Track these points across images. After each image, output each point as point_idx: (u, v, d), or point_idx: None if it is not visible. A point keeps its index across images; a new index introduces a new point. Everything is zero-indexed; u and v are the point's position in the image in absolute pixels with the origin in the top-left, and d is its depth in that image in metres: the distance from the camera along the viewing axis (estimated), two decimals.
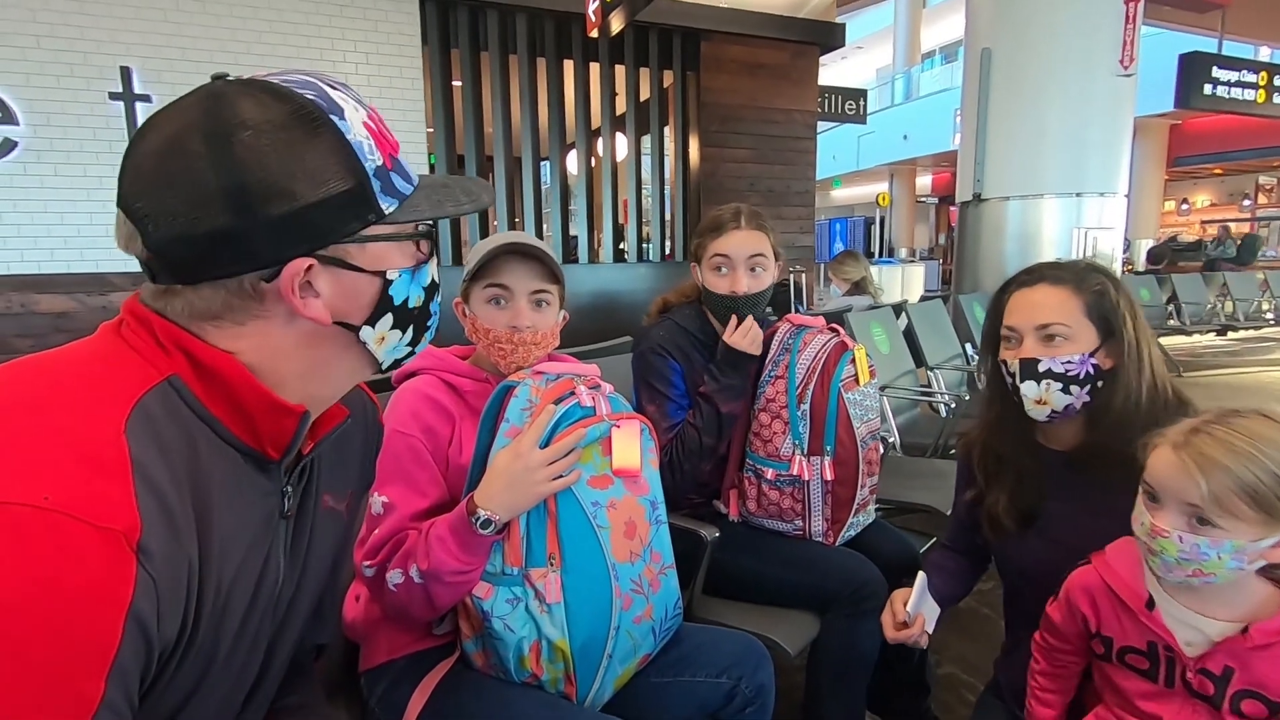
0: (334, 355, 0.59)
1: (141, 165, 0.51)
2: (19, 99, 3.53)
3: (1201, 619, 0.79)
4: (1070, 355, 0.99)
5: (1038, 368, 1.00)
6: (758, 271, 1.41)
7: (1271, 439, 0.72)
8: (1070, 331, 0.99)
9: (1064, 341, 0.99)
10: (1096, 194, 3.95)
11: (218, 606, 0.53)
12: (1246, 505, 0.71)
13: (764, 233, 1.42)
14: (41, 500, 0.42)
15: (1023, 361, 1.00)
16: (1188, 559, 0.74)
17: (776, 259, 1.45)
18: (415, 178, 0.60)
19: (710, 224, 1.44)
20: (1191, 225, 15.48)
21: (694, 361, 1.45)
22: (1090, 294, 1.00)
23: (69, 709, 0.42)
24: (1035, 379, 1.00)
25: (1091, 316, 0.99)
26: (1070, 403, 1.00)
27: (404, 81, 4.27)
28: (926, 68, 17.51)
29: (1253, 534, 0.72)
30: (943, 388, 3.14)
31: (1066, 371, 0.99)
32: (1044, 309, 1.01)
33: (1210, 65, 7.61)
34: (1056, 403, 0.99)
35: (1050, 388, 0.99)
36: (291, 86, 0.53)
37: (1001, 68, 4.01)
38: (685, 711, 1.05)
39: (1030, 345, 1.01)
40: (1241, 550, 0.72)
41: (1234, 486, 0.71)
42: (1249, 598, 0.78)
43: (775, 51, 5.40)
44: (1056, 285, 1.01)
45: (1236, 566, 0.73)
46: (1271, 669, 0.75)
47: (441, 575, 0.89)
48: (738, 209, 1.43)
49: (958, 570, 1.21)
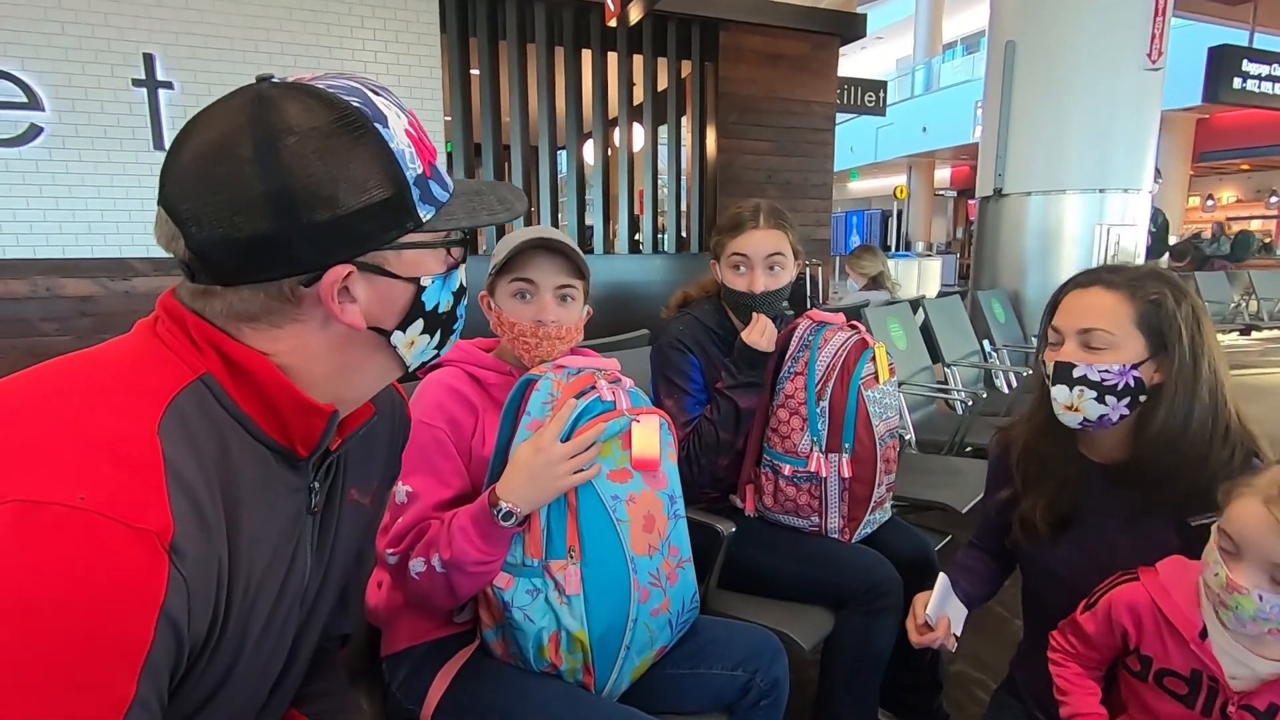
0: (364, 358, 0.59)
1: (186, 166, 0.51)
2: (44, 85, 3.57)
3: (1255, 658, 0.78)
4: (1110, 364, 0.93)
5: (1072, 372, 0.95)
6: (776, 270, 1.42)
7: None
8: (1114, 339, 0.94)
9: (1106, 349, 0.94)
10: (1120, 190, 3.89)
11: (246, 602, 0.54)
12: None
13: (783, 231, 1.42)
14: (77, 500, 0.43)
15: (1058, 364, 0.97)
16: (1265, 618, 0.73)
17: (796, 256, 1.45)
18: (451, 184, 0.60)
19: (730, 222, 1.44)
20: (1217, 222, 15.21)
21: (712, 356, 1.45)
22: (1144, 303, 0.94)
23: (103, 707, 0.43)
24: (1068, 384, 0.96)
25: (1142, 327, 0.93)
26: (1105, 414, 0.95)
27: (422, 70, 4.27)
28: (947, 59, 17.25)
29: None
30: (959, 385, 3.12)
31: (1103, 380, 0.94)
32: (1090, 313, 0.96)
33: (1240, 59, 7.44)
34: (1090, 412, 0.95)
35: (1084, 395, 0.95)
36: (337, 92, 0.53)
37: (1026, 61, 3.94)
38: (701, 703, 1.06)
39: (1070, 349, 0.97)
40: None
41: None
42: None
43: (795, 42, 5.34)
44: (1110, 290, 0.96)
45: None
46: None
47: (463, 565, 0.90)
48: (757, 206, 1.43)
49: (985, 573, 1.19)
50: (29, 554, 0.41)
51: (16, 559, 0.41)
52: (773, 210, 1.43)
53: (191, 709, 0.53)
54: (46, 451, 0.44)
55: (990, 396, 3.18)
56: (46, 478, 0.43)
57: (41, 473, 0.43)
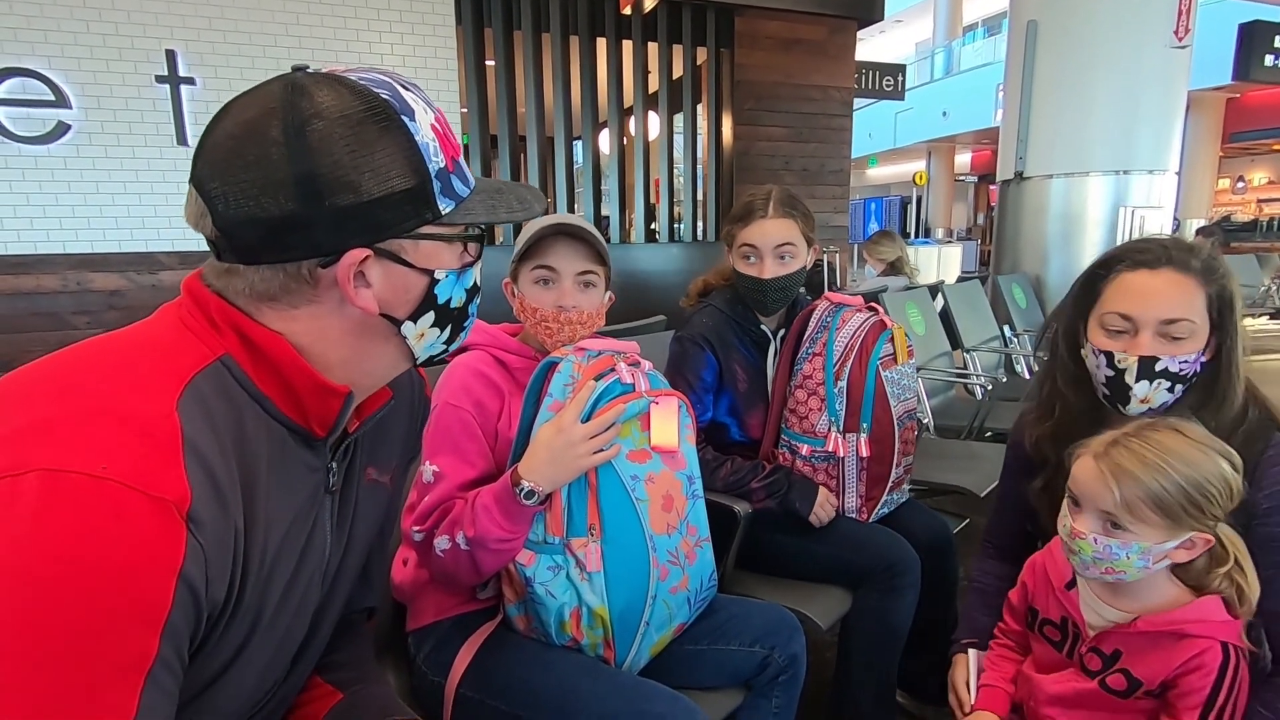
0: (375, 346, 0.61)
1: (218, 146, 0.53)
2: (71, 83, 3.64)
3: (1107, 608, 0.88)
4: (1189, 354, 0.90)
5: (1155, 367, 0.89)
6: (786, 259, 1.42)
7: (1179, 453, 0.79)
8: (1195, 328, 0.89)
9: (1187, 339, 0.89)
10: (1145, 171, 3.81)
11: (262, 574, 0.56)
12: (1153, 512, 0.79)
13: (793, 219, 1.41)
14: (100, 470, 0.45)
15: (1141, 360, 0.89)
16: (1101, 559, 0.82)
17: (810, 244, 1.45)
18: (473, 181, 0.62)
19: (740, 211, 1.45)
20: (1247, 204, 14.81)
21: (732, 348, 1.46)
22: (1216, 285, 0.90)
23: (127, 664, 0.45)
24: (1150, 379, 0.89)
25: (1211, 311, 0.90)
26: (1166, 400, 0.92)
27: (438, 61, 4.29)
28: (968, 41, 16.96)
29: (1157, 537, 0.80)
30: (979, 370, 3.09)
31: (1181, 371, 0.90)
32: (1171, 301, 0.89)
33: (1272, 35, 7.26)
34: (1157, 400, 0.91)
35: (1159, 386, 0.90)
36: (368, 84, 0.55)
37: (1048, 40, 3.87)
38: (719, 679, 1.08)
39: (1148, 340, 0.90)
40: (1147, 552, 0.80)
41: (1143, 495, 0.79)
42: (1156, 596, 0.85)
43: (812, 26, 5.28)
44: (1184, 273, 0.89)
45: (1143, 565, 0.81)
46: (1148, 656, 0.84)
47: (487, 542, 0.93)
48: (769, 194, 1.42)
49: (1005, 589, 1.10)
50: (54, 519, 0.43)
51: (42, 523, 0.43)
52: (783, 199, 1.42)
53: (211, 676, 0.56)
54: (72, 425, 0.47)
55: (1010, 381, 3.15)
56: (71, 449, 0.45)
57: (66, 444, 0.46)
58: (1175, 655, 0.81)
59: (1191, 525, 0.80)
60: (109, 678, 0.44)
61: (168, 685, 0.47)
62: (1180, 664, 0.81)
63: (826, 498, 1.38)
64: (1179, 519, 0.79)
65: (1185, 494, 0.78)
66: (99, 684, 0.44)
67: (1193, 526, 0.80)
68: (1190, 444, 0.80)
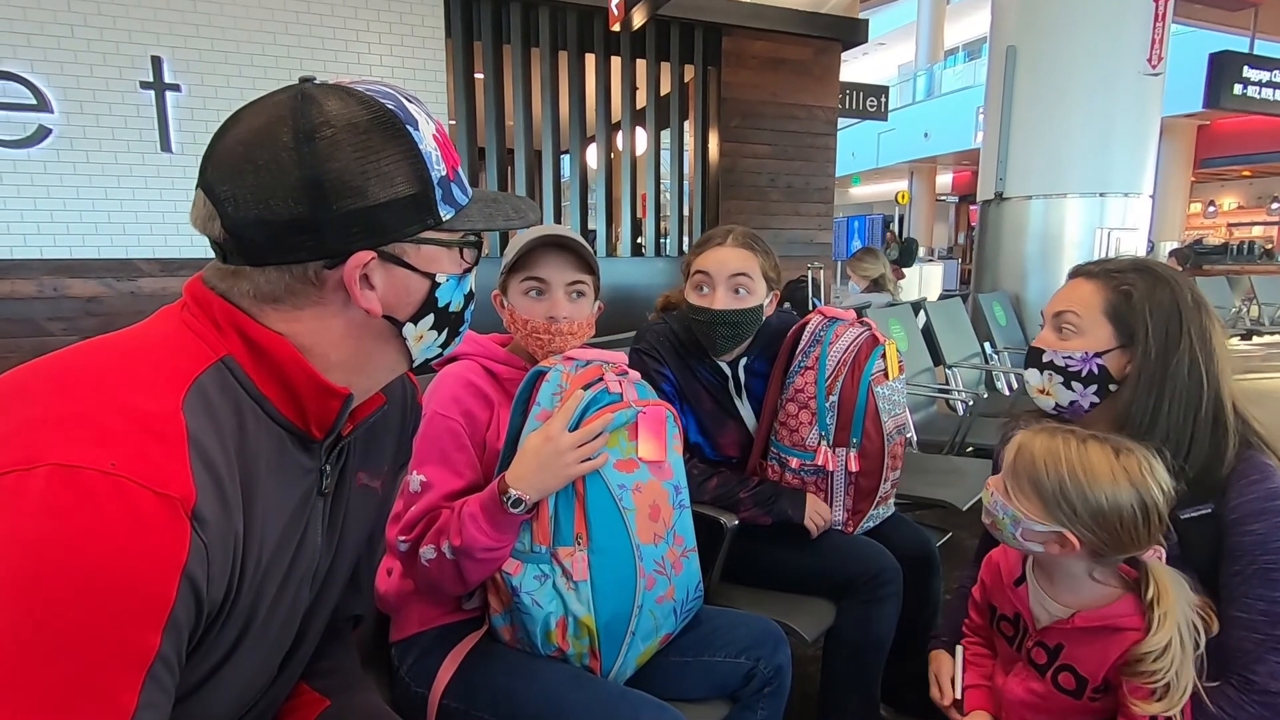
0: (376, 347, 0.62)
1: (230, 150, 0.55)
2: (53, 86, 3.60)
3: (1052, 603, 0.92)
4: (1074, 351, 0.97)
5: (1041, 356, 1.00)
6: (740, 293, 1.36)
7: (1086, 461, 0.84)
8: (1081, 324, 0.97)
9: (1073, 334, 0.98)
10: (1121, 194, 3.91)
11: (257, 575, 0.56)
12: (1030, 489, 0.87)
13: (753, 252, 1.37)
14: (108, 466, 0.45)
15: (1031, 348, 1.03)
16: (990, 511, 0.92)
17: (770, 286, 1.40)
18: (471, 191, 0.64)
19: (699, 240, 1.43)
20: (1218, 228, 15.21)
21: (690, 367, 1.45)
22: (1115, 293, 0.96)
23: (129, 659, 0.45)
24: (1038, 367, 1.01)
25: (1110, 316, 0.96)
26: (1075, 399, 0.98)
27: (427, 74, 4.30)
28: (949, 65, 17.31)
29: (1030, 513, 0.86)
30: (960, 385, 3.13)
31: (1066, 366, 0.97)
32: (1064, 298, 1.01)
33: (1241, 65, 7.49)
34: (1060, 397, 0.99)
35: (1052, 379, 0.99)
36: (374, 95, 0.57)
37: (1027, 65, 3.97)
38: (704, 690, 1.08)
39: (1045, 333, 1.02)
40: (1018, 521, 0.87)
41: (1027, 473, 0.87)
42: (1097, 593, 0.89)
43: (797, 47, 5.37)
44: (1087, 279, 1.00)
45: (1013, 532, 0.88)
46: (1087, 650, 0.88)
47: (473, 551, 0.92)
48: (730, 229, 1.39)
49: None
50: (63, 512, 0.43)
51: (51, 517, 0.43)
52: (746, 233, 1.39)
53: (200, 678, 0.55)
54: (81, 422, 0.47)
55: (991, 398, 3.19)
56: (81, 445, 0.46)
57: (76, 440, 0.46)
58: (1111, 648, 0.86)
59: (1061, 521, 0.85)
60: (112, 673, 0.44)
61: (166, 682, 0.47)
62: (1117, 657, 0.85)
63: (817, 504, 1.38)
64: (1050, 509, 0.85)
65: (1061, 492, 0.84)
66: (102, 678, 0.44)
67: (1062, 523, 0.85)
68: (1109, 463, 0.84)
